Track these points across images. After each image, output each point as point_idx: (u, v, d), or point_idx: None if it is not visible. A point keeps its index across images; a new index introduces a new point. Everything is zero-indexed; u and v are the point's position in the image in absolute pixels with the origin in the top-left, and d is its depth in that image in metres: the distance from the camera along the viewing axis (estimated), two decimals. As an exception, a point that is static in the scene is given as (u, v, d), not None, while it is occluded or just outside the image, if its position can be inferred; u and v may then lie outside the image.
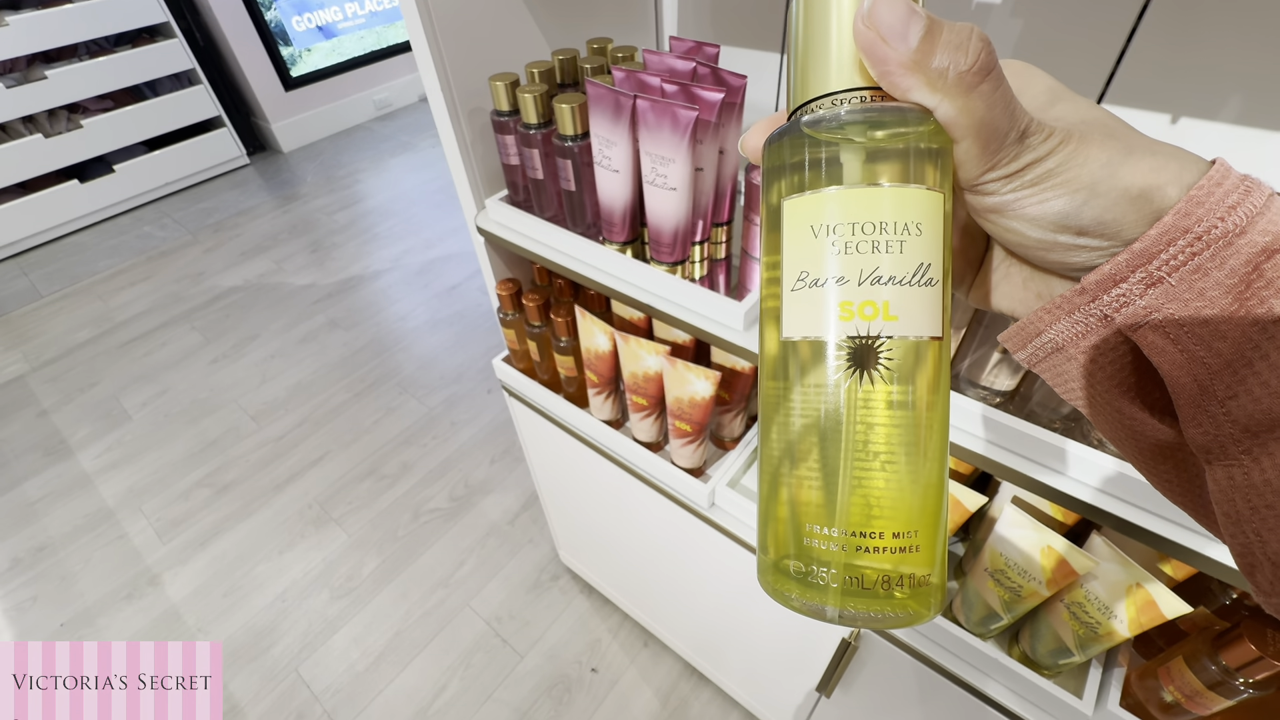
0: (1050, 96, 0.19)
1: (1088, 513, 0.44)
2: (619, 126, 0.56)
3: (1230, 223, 0.16)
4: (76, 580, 1.43)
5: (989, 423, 0.47)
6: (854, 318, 0.18)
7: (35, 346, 2.07)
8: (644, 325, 0.74)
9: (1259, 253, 0.16)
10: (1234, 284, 0.16)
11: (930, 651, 0.60)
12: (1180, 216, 0.16)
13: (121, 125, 2.56)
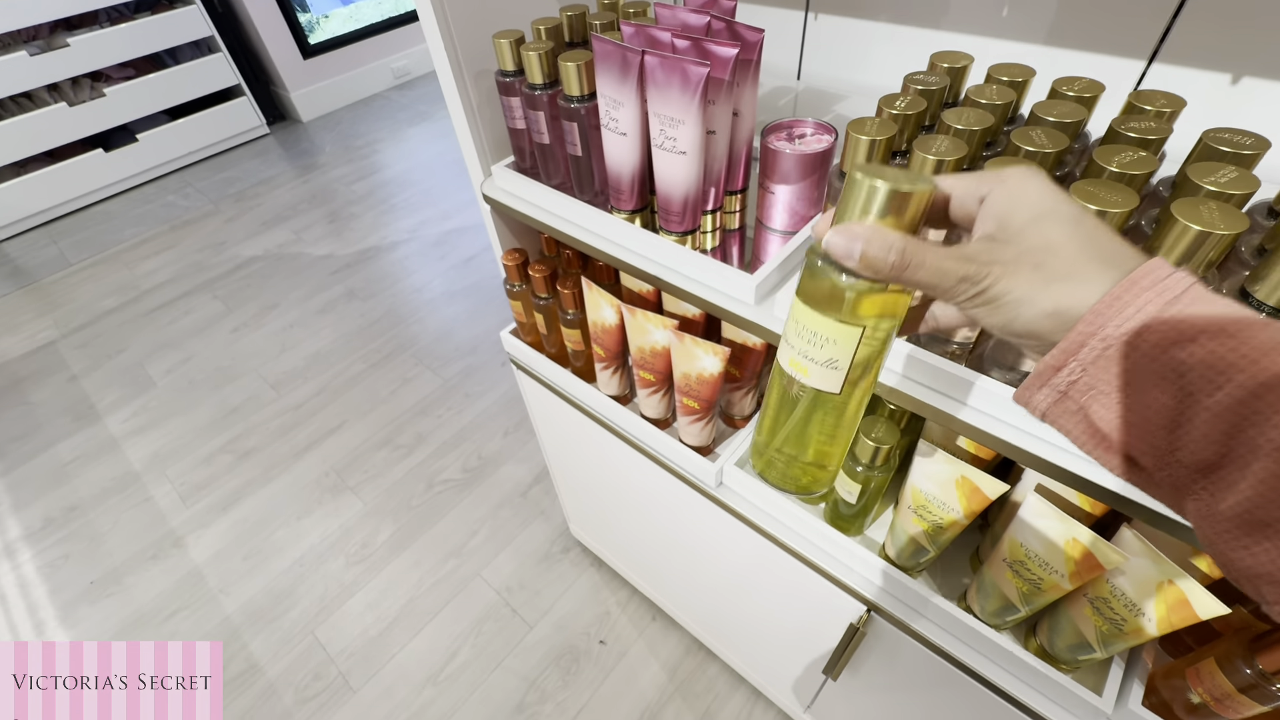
0: (1032, 214, 0.24)
1: (1117, 504, 0.41)
2: (626, 85, 0.52)
3: (1126, 328, 0.22)
4: (105, 540, 1.48)
5: (1002, 402, 0.44)
6: (793, 367, 0.32)
7: (65, 313, 2.12)
8: (654, 298, 0.71)
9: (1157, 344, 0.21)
10: (1148, 367, 0.22)
11: (942, 640, 0.58)
12: (1086, 324, 0.22)
13: (143, 93, 2.57)
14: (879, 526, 0.68)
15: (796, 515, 0.65)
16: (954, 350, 0.48)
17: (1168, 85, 0.55)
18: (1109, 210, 0.33)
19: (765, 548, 0.70)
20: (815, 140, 0.57)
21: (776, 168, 0.56)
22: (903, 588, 0.59)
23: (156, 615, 1.34)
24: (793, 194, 0.57)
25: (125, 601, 1.36)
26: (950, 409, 0.46)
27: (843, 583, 0.64)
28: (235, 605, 1.35)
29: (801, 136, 0.58)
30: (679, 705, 1.17)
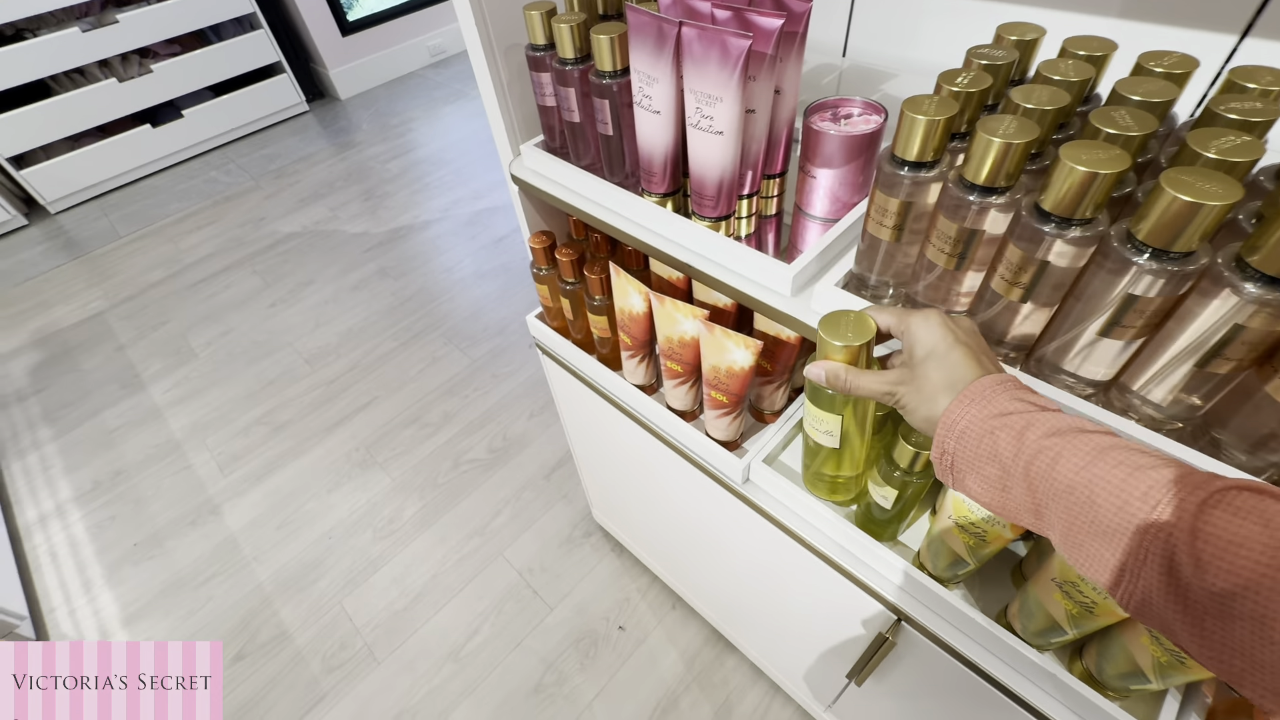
0: (923, 353, 0.37)
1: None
2: (661, 59, 0.49)
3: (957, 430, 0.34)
4: (148, 505, 1.54)
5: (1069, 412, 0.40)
6: (811, 433, 0.53)
7: (114, 285, 2.20)
8: (684, 286, 0.69)
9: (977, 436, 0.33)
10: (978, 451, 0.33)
11: (978, 656, 0.55)
12: (940, 430, 0.35)
13: (188, 70, 2.62)
14: (913, 533, 0.64)
15: (826, 517, 0.62)
16: (1008, 354, 0.44)
17: (1264, 62, 0.49)
18: (1206, 203, 0.29)
19: (792, 548, 0.68)
20: (863, 121, 0.53)
21: (819, 150, 0.52)
22: (937, 599, 0.56)
23: (194, 579, 1.39)
24: (836, 179, 0.54)
25: (166, 564, 1.42)
26: (1002, 416, 0.43)
27: (872, 589, 0.61)
28: (267, 573, 1.39)
29: (848, 117, 0.54)
30: (696, 695, 1.16)
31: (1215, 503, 0.25)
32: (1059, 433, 0.30)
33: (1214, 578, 0.24)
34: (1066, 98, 0.38)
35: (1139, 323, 0.36)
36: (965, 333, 0.37)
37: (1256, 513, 0.24)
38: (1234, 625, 0.24)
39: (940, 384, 0.35)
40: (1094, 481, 0.28)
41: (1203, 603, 0.25)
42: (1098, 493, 0.28)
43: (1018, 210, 0.37)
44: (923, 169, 0.41)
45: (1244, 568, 0.24)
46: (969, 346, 0.36)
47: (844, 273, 0.52)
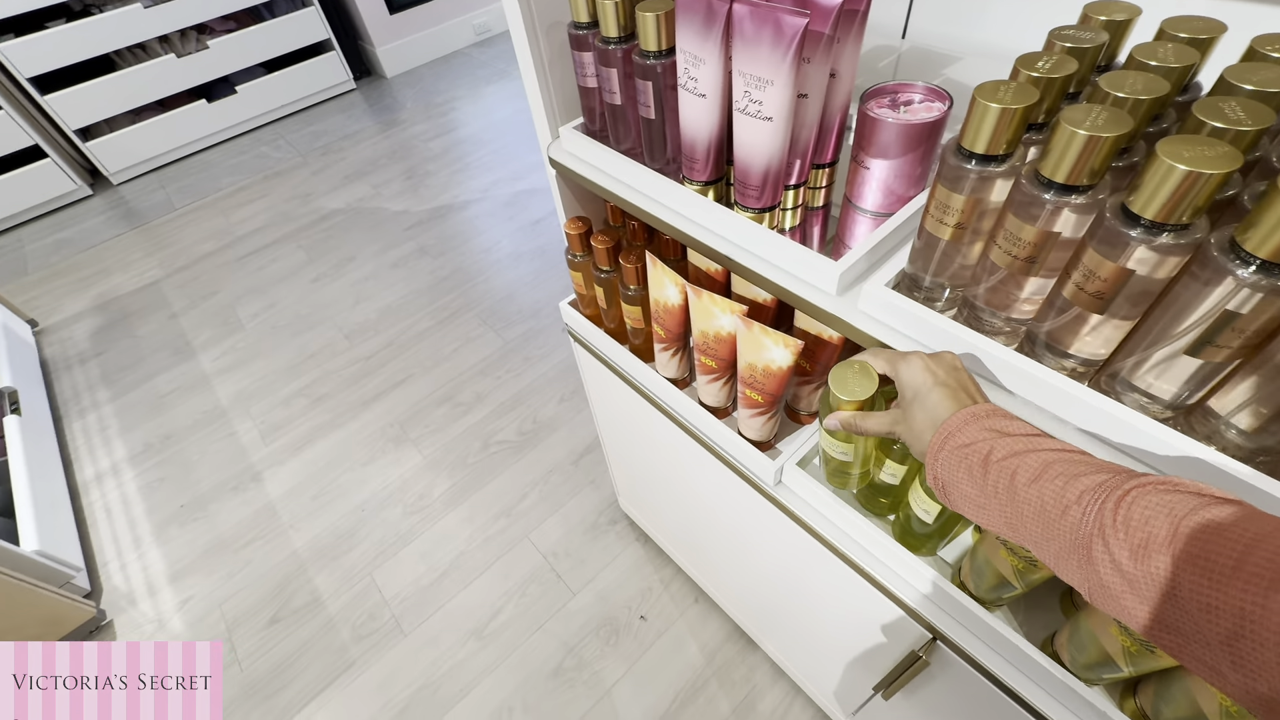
0: (911, 395, 0.42)
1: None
2: (709, 39, 0.46)
3: (943, 452, 0.39)
4: (195, 468, 1.60)
5: (1144, 438, 0.36)
6: (826, 454, 0.59)
7: (169, 255, 2.28)
8: (722, 279, 0.66)
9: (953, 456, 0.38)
10: (957, 469, 0.38)
11: (1019, 684, 0.52)
12: (929, 457, 0.40)
13: (243, 46, 2.68)
14: (953, 548, 0.61)
15: (861, 526, 0.59)
16: (1074, 368, 0.40)
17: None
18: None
19: (823, 554, 0.65)
20: (924, 108, 0.49)
21: (875, 139, 0.49)
22: (977, 620, 0.53)
23: (235, 542, 1.45)
24: (891, 170, 0.50)
25: (208, 526, 1.48)
26: (1071, 438, 0.39)
27: (906, 604, 0.59)
28: (303, 540, 1.43)
29: (908, 104, 0.50)
30: (715, 690, 1.16)
31: (1133, 499, 0.29)
32: (1015, 454, 0.35)
33: (1136, 563, 0.28)
34: (1165, 86, 0.34)
35: (1235, 343, 0.32)
36: (945, 372, 0.41)
37: (1163, 505, 0.28)
38: (1163, 604, 0.27)
39: (925, 422, 0.40)
40: (1042, 494, 0.33)
41: (1140, 587, 0.28)
42: (1046, 503, 0.32)
43: (1100, 211, 0.34)
44: (993, 163, 0.37)
45: (1155, 550, 0.27)
46: (948, 385, 0.40)
47: (895, 272, 0.49)
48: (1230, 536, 0.26)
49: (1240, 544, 0.25)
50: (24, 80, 2.27)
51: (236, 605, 1.34)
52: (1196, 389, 0.35)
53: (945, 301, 0.47)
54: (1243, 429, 0.35)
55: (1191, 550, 0.26)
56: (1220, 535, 0.26)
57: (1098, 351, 0.39)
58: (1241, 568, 0.25)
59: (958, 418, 0.38)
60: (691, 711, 1.13)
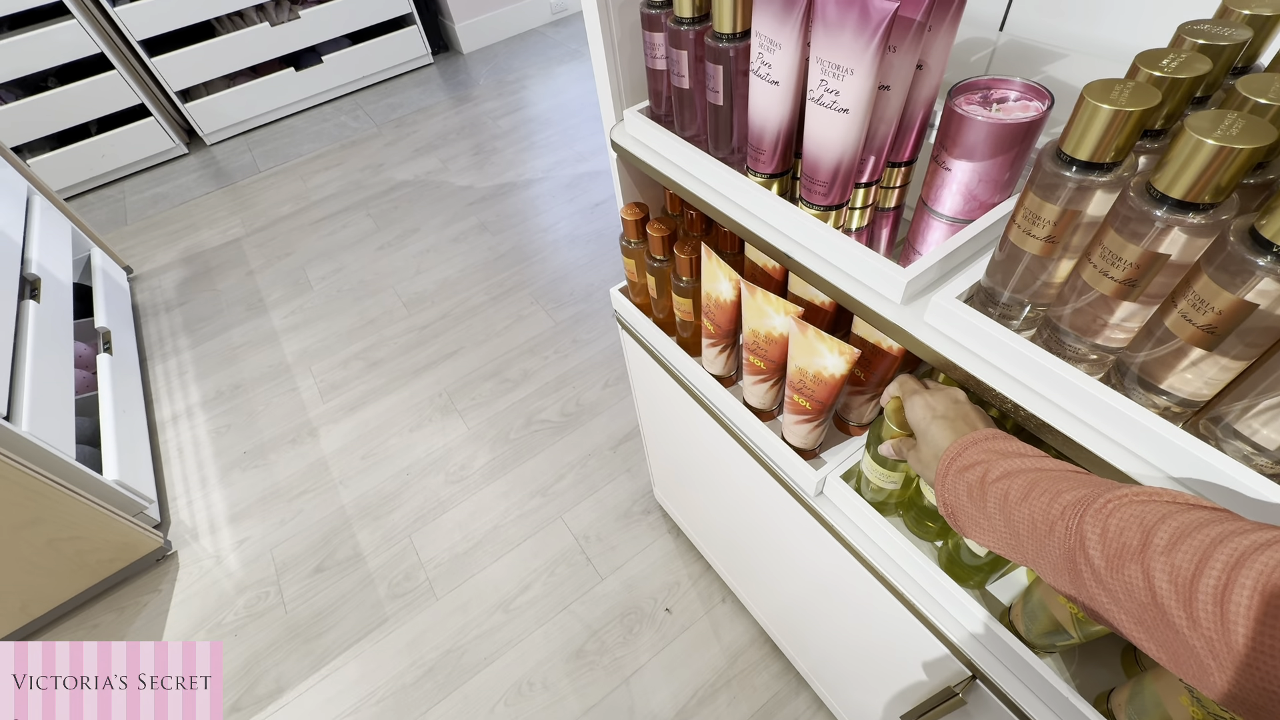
0: (915, 431, 0.46)
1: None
2: (788, 22, 0.44)
3: (948, 476, 0.40)
4: (258, 418, 1.70)
5: (1247, 494, 0.32)
6: (868, 480, 0.59)
7: (251, 214, 2.41)
8: (779, 277, 0.63)
9: (956, 479, 0.40)
10: (958, 490, 0.39)
11: (1062, 738, 0.48)
12: (936, 486, 0.42)
13: (331, 17, 2.78)
14: (1006, 585, 0.57)
15: (905, 550, 0.56)
16: (1168, 407, 0.36)
17: None
18: None
19: (861, 574, 0.63)
20: (1020, 107, 0.45)
21: (961, 138, 0.45)
22: (1023, 664, 0.49)
23: (289, 492, 1.53)
24: (975, 173, 0.46)
25: (267, 474, 1.57)
26: (1154, 481, 0.35)
27: (946, 636, 0.55)
28: (350, 497, 1.50)
29: (1002, 101, 0.46)
30: (734, 693, 1.14)
31: (1110, 511, 0.30)
32: (1008, 474, 0.36)
33: (1112, 574, 0.29)
34: (1318, 94, 0.29)
35: (1376, 398, 0.28)
36: (945, 405, 0.44)
37: (1136, 516, 0.29)
38: (1142, 612, 0.27)
39: (929, 455, 0.43)
40: (1032, 512, 0.33)
41: (1120, 597, 0.28)
42: (1036, 521, 0.33)
43: (1223, 234, 0.29)
44: (1096, 171, 0.34)
45: (1129, 559, 0.28)
46: (947, 418, 0.43)
47: (969, 284, 0.45)
48: (1195, 541, 0.26)
49: (1201, 548, 0.25)
50: (135, 42, 2.43)
51: (286, 551, 1.42)
52: (1318, 445, 0.31)
53: (1023, 321, 0.43)
54: (1372, 496, 0.30)
55: (1159, 560, 0.27)
56: (1185, 540, 0.26)
57: (1199, 392, 0.35)
58: (1200, 571, 0.25)
59: (958, 443, 0.40)
60: (709, 711, 1.12)
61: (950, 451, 0.41)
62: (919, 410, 0.45)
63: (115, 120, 2.55)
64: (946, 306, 0.43)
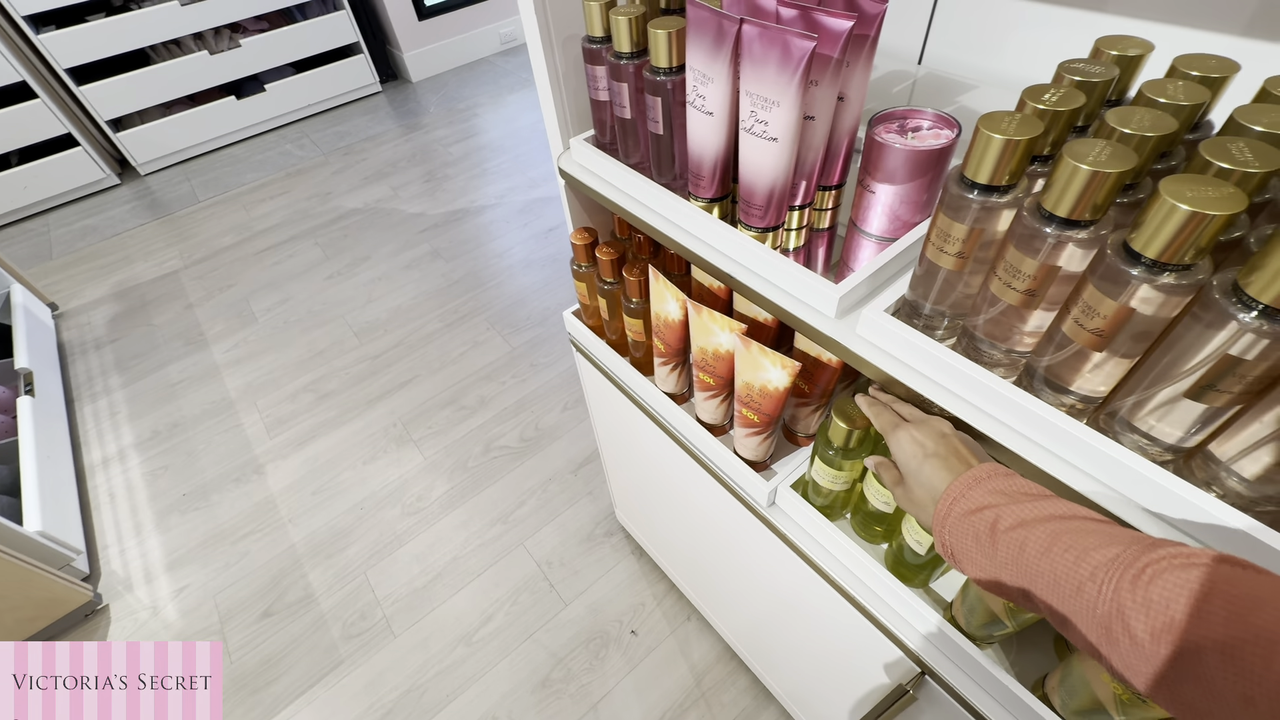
0: (904, 470, 0.44)
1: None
2: (719, 58, 0.47)
3: (949, 518, 0.39)
4: (199, 458, 1.62)
5: (1140, 480, 0.36)
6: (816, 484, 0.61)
7: (189, 246, 2.32)
8: (725, 296, 0.66)
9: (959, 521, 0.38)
10: (964, 533, 0.37)
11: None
12: (935, 527, 0.40)
13: (274, 46, 2.74)
14: (948, 582, 0.60)
15: (853, 554, 0.58)
16: (1073, 405, 0.39)
17: None
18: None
19: (814, 580, 0.64)
20: (932, 135, 0.49)
21: (882, 164, 0.48)
22: (966, 657, 0.52)
23: (233, 534, 1.45)
24: (897, 195, 0.50)
25: (208, 516, 1.49)
26: (1061, 473, 0.38)
27: (895, 636, 0.57)
28: (301, 536, 1.44)
29: (916, 130, 0.50)
30: (702, 711, 1.14)
31: (1150, 578, 0.28)
32: (1023, 523, 0.34)
33: (1158, 645, 0.27)
34: (1173, 124, 0.34)
35: (1237, 388, 0.31)
36: (934, 441, 0.42)
37: (1182, 584, 0.27)
38: (1184, 686, 0.26)
39: (924, 496, 0.41)
40: (1055, 568, 0.32)
41: (1161, 670, 0.27)
42: (1060, 578, 0.31)
43: (1103, 247, 0.33)
44: (995, 193, 0.37)
45: (1178, 634, 0.26)
46: (939, 455, 0.41)
47: (896, 298, 0.48)
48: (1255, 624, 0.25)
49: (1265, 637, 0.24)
50: (62, 71, 2.34)
51: (230, 597, 1.35)
52: (1197, 433, 0.34)
53: (945, 330, 0.46)
54: (1244, 477, 0.34)
55: (1216, 634, 0.25)
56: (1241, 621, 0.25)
57: (1097, 389, 0.38)
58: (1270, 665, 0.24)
59: (958, 485, 0.38)
60: (678, 732, 1.12)
61: (950, 493, 0.38)
62: (906, 447, 0.43)
63: (40, 150, 2.43)
64: (876, 320, 0.46)
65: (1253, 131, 0.33)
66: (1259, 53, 0.49)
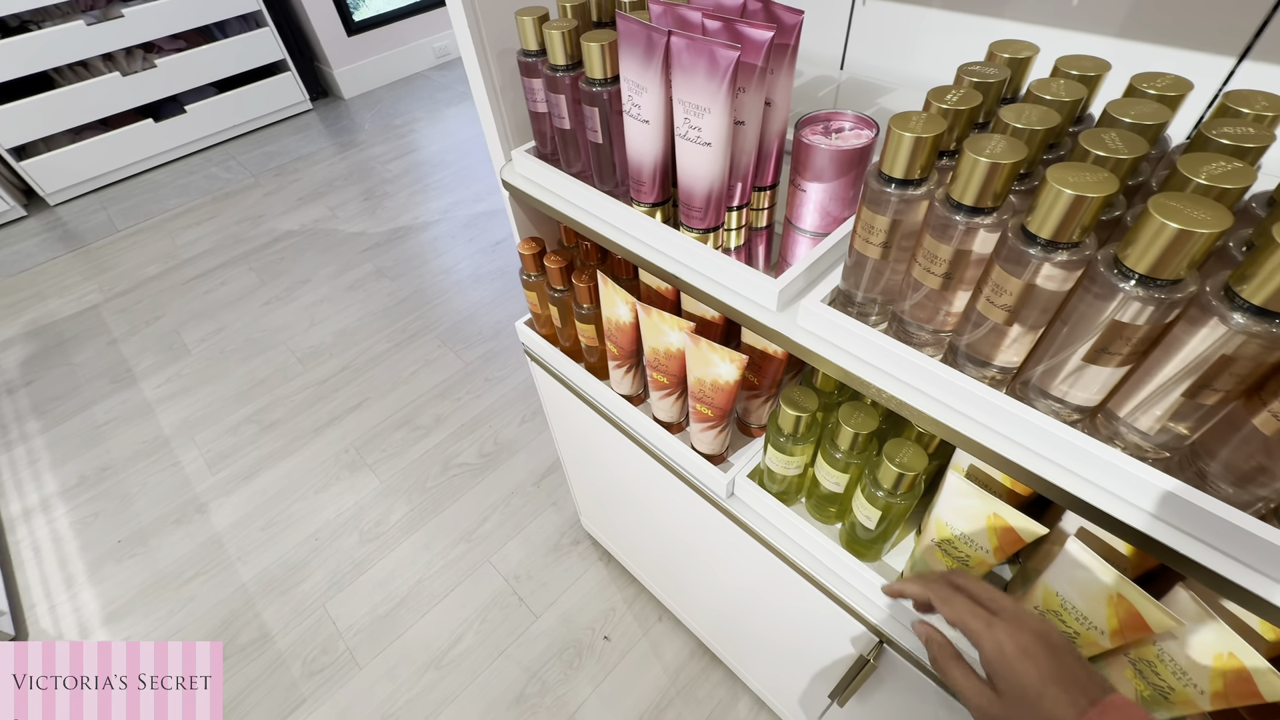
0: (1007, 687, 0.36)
1: (1173, 560, 0.36)
2: (650, 69, 0.49)
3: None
4: (134, 501, 1.52)
5: (1052, 439, 0.39)
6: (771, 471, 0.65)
7: (110, 278, 2.19)
8: (672, 296, 0.68)
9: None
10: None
11: (959, 683, 0.54)
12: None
13: (192, 65, 2.62)
14: (899, 553, 0.63)
15: (810, 535, 0.61)
16: (994, 376, 0.43)
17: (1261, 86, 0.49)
18: (1195, 230, 0.28)
19: (775, 564, 0.67)
20: (854, 135, 0.53)
21: (810, 164, 0.51)
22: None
23: (177, 578, 1.37)
24: (826, 193, 0.53)
25: (148, 562, 1.40)
26: (988, 440, 0.42)
27: (855, 610, 0.60)
28: (251, 574, 1.37)
29: (839, 131, 0.53)
30: (680, 709, 1.15)
31: None
32: None
33: None
34: (1057, 118, 0.38)
35: (1125, 350, 0.35)
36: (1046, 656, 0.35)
37: None
38: None
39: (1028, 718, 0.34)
40: None
41: None
42: None
43: (1004, 231, 0.36)
44: (910, 187, 0.40)
45: None
46: (1059, 681, 0.34)
47: (831, 289, 0.51)
48: None
49: None
50: (-48, 97, 2.17)
51: (177, 645, 1.27)
52: (1097, 393, 0.38)
53: (877, 316, 0.50)
54: (1139, 429, 0.38)
55: None
56: None
57: (1012, 360, 0.42)
58: None
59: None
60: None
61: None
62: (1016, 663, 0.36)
63: (-70, 183, 2.24)
64: (814, 310, 0.49)
65: (1123, 123, 0.37)
66: (1129, 52, 0.55)
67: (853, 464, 0.56)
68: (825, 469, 0.58)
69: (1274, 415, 0.32)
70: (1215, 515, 0.34)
